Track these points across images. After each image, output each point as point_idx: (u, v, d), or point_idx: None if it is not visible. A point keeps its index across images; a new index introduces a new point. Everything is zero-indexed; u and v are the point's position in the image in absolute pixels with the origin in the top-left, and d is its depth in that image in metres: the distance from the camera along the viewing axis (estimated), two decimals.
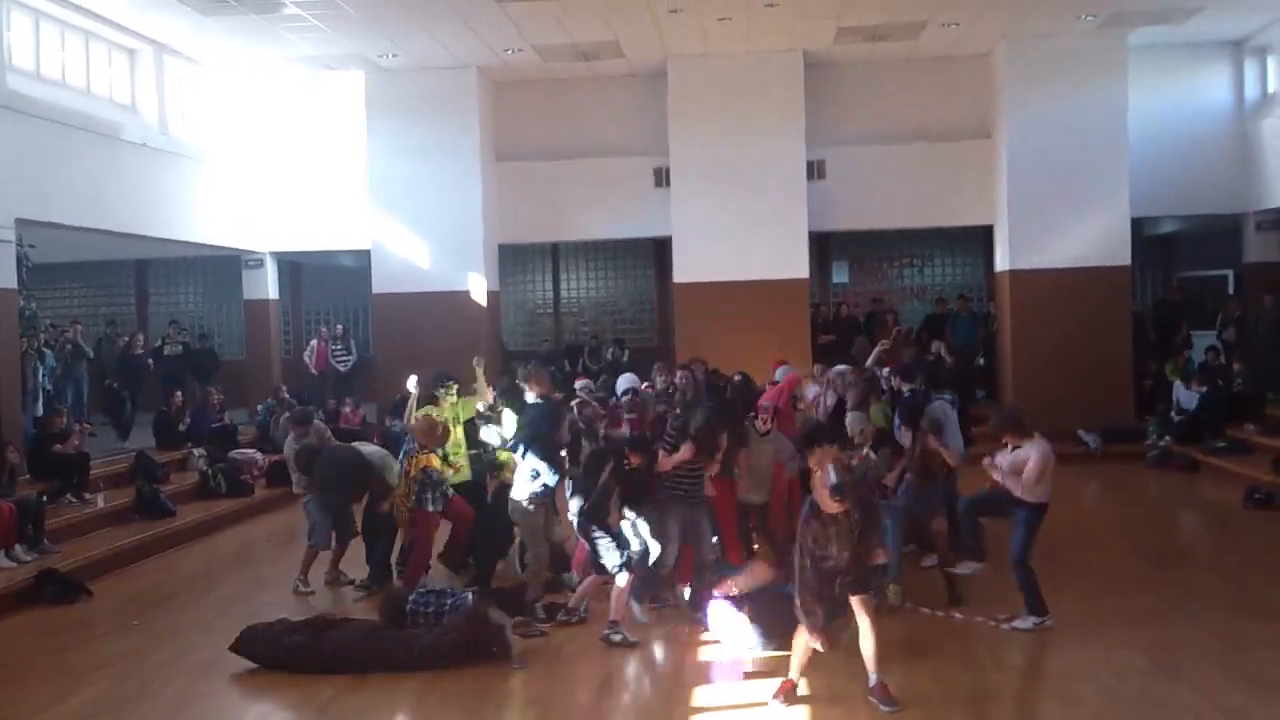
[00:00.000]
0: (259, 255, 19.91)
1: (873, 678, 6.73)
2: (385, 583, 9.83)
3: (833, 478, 6.57)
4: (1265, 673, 7.18)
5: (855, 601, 6.72)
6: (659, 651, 8.15)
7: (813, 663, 6.96)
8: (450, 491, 9.70)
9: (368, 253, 18.44)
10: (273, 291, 20.50)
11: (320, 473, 10.06)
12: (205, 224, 17.69)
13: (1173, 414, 16.02)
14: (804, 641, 6.82)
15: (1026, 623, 8.15)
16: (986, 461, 8.37)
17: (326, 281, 23.34)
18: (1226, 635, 7.98)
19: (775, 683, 7.03)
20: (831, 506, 6.59)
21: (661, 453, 8.58)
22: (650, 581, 9.02)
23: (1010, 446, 8.31)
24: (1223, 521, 12.40)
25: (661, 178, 18.28)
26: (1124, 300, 17.57)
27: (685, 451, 8.47)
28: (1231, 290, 20.17)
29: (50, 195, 13.94)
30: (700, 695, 7.22)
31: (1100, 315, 17.11)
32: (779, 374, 10.97)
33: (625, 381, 11.55)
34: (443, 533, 10.14)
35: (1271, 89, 17.87)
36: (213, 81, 18.10)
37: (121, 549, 11.72)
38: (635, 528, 8.45)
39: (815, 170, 18.03)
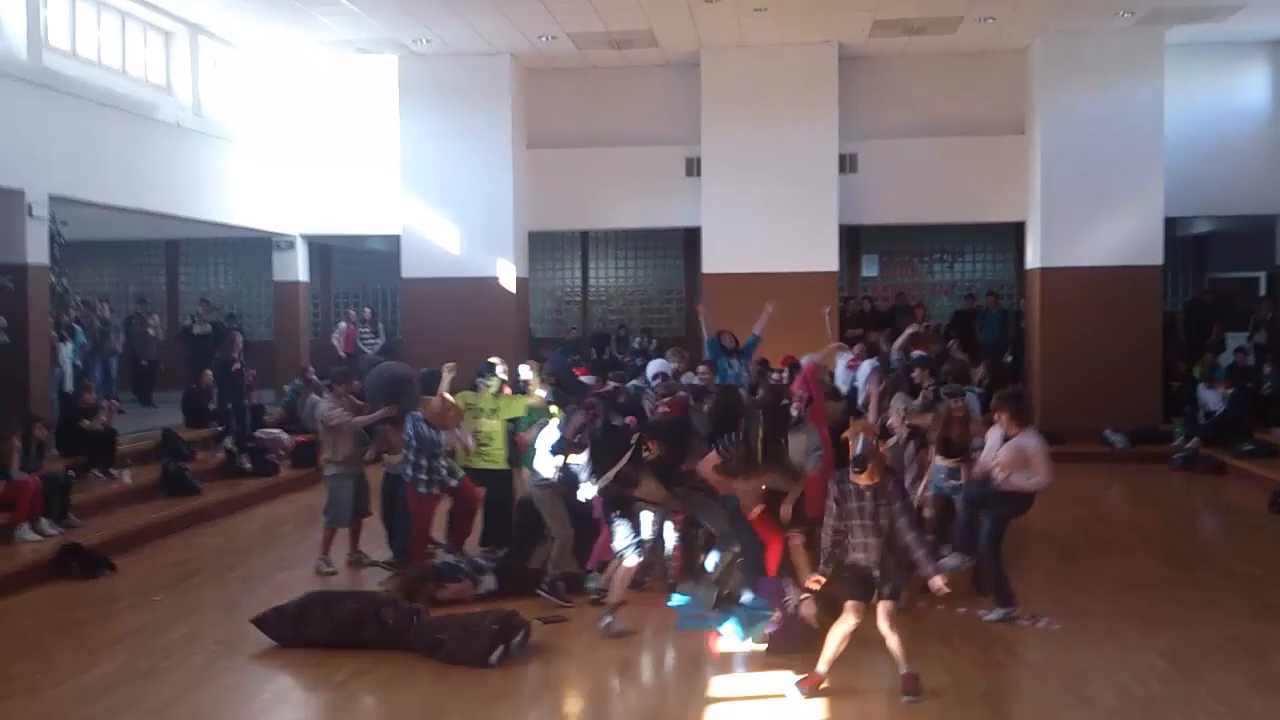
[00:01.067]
0: (289, 237, 20.02)
1: (903, 667, 6.77)
2: (409, 562, 9.86)
3: (858, 449, 6.69)
4: None
5: (880, 608, 6.78)
6: (677, 640, 8.15)
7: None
8: (456, 473, 9.84)
9: (398, 237, 18.52)
10: (302, 274, 20.60)
11: (369, 389, 10.36)
12: (237, 205, 17.81)
13: (1200, 416, 15.88)
14: (841, 635, 6.83)
15: (996, 614, 8.21)
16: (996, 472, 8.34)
17: (356, 265, 23.46)
18: (1246, 639, 7.92)
19: (786, 674, 7.06)
20: (859, 478, 6.72)
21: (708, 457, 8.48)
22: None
23: (1003, 436, 8.23)
24: (1247, 525, 12.29)
25: (693, 168, 18.25)
26: (1155, 301, 17.41)
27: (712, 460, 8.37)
28: (1264, 292, 19.97)
29: (84, 173, 14.06)
30: (717, 684, 7.22)
31: (1131, 315, 16.98)
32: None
33: (656, 366, 11.53)
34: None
35: None
36: (247, 63, 18.20)
37: (146, 525, 11.84)
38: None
39: (847, 163, 17.94)
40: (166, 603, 9.35)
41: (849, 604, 6.86)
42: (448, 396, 9.87)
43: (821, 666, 6.89)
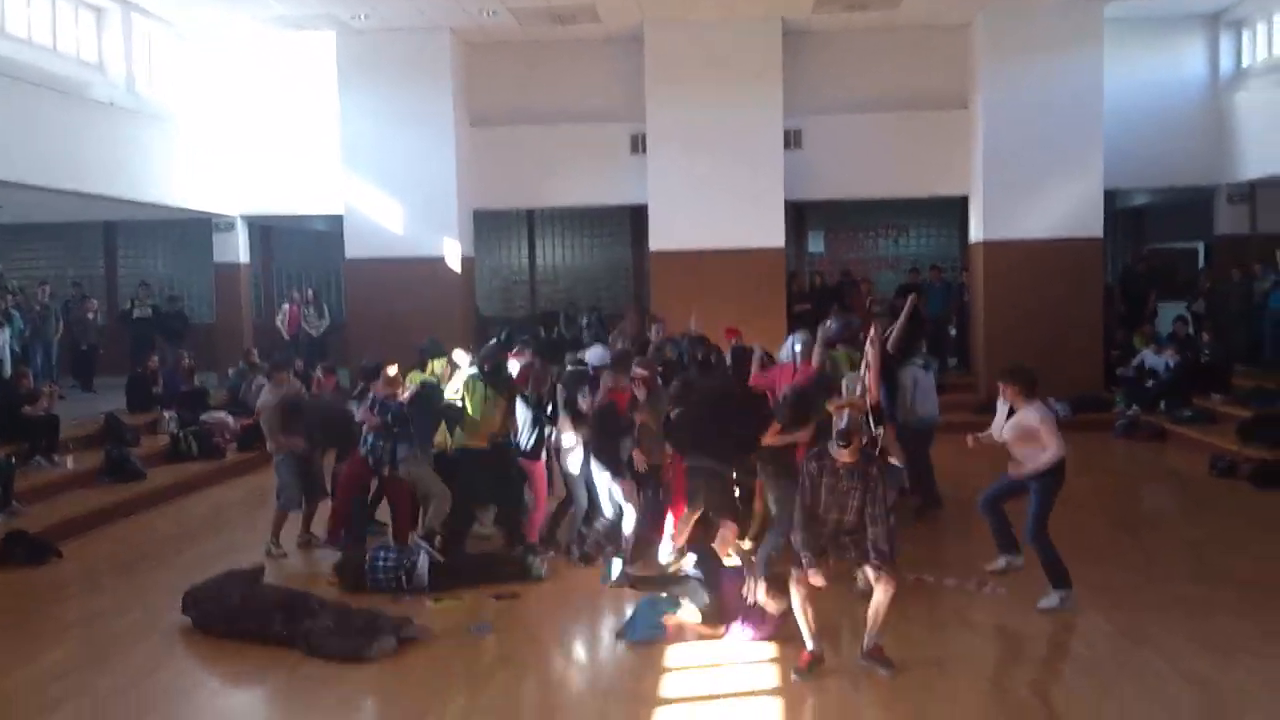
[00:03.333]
0: (229, 218, 19.75)
1: (870, 640, 6.77)
2: (360, 543, 9.79)
3: (842, 424, 6.66)
4: (1227, 639, 7.28)
5: (870, 571, 6.77)
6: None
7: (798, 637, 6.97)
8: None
9: (340, 217, 18.31)
10: (243, 255, 20.36)
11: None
12: (174, 185, 17.52)
13: (1141, 377, 16.14)
14: (803, 605, 6.79)
15: (1053, 599, 7.90)
16: (972, 440, 8.31)
17: (298, 246, 23.19)
18: (1190, 602, 8.07)
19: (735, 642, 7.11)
20: (842, 455, 6.65)
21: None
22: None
23: (1007, 410, 8.16)
24: (1188, 490, 12.52)
25: (638, 144, 18.19)
26: (1096, 272, 17.62)
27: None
28: (1201, 263, 20.32)
29: (15, 155, 13.77)
30: (673, 654, 7.25)
31: (1072, 286, 17.19)
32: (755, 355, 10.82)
33: (596, 356, 11.46)
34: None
35: (1246, 62, 17.96)
36: (182, 41, 17.91)
37: (91, 511, 11.66)
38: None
39: (792, 139, 17.98)
40: (115, 588, 9.24)
41: (796, 574, 6.81)
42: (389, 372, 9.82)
43: (810, 644, 6.84)
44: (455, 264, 18.08)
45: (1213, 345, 16.35)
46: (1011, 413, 8.11)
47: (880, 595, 6.74)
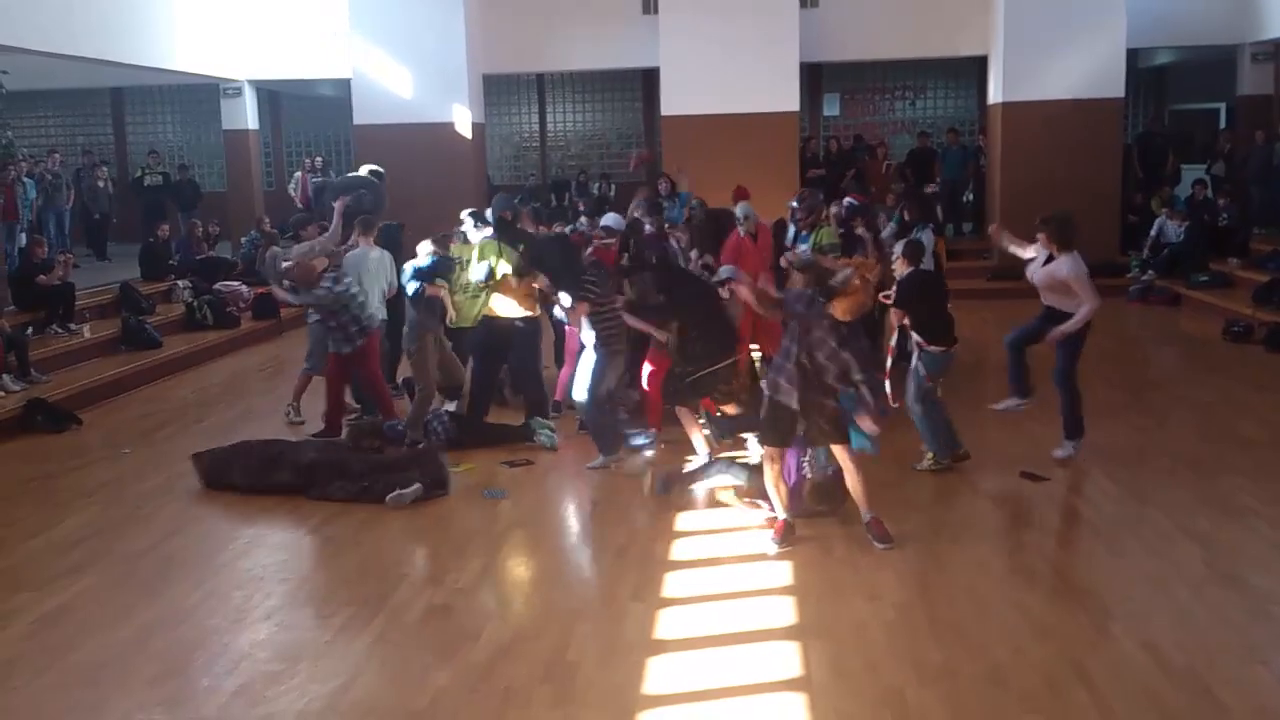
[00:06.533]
0: (237, 84, 19.49)
1: (865, 515, 6.72)
2: (374, 412, 9.86)
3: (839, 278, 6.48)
4: (1231, 499, 7.35)
5: (836, 451, 6.73)
6: (645, 481, 8.27)
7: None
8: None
9: (348, 82, 18.04)
10: (252, 121, 20.15)
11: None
12: (180, 50, 17.23)
13: (1155, 247, 15.99)
14: (775, 481, 6.76)
15: (1067, 449, 8.09)
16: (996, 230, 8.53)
17: (307, 112, 22.95)
18: (1197, 463, 8.14)
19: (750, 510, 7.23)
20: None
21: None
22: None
23: (1043, 257, 8.16)
24: (1200, 353, 12.52)
25: (650, 4, 17.76)
26: (1115, 134, 17.32)
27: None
28: (1223, 124, 19.95)
29: (19, 18, 13.50)
30: (684, 520, 7.35)
31: (1091, 149, 16.86)
32: (740, 211, 10.62)
33: (612, 220, 11.35)
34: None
35: None
36: None
37: (109, 379, 11.79)
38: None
39: None
40: (136, 455, 9.38)
41: (766, 450, 6.82)
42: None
43: (780, 512, 6.82)
44: (465, 130, 17.85)
45: (1230, 209, 16.15)
46: (1049, 259, 8.12)
47: (845, 469, 6.72)
